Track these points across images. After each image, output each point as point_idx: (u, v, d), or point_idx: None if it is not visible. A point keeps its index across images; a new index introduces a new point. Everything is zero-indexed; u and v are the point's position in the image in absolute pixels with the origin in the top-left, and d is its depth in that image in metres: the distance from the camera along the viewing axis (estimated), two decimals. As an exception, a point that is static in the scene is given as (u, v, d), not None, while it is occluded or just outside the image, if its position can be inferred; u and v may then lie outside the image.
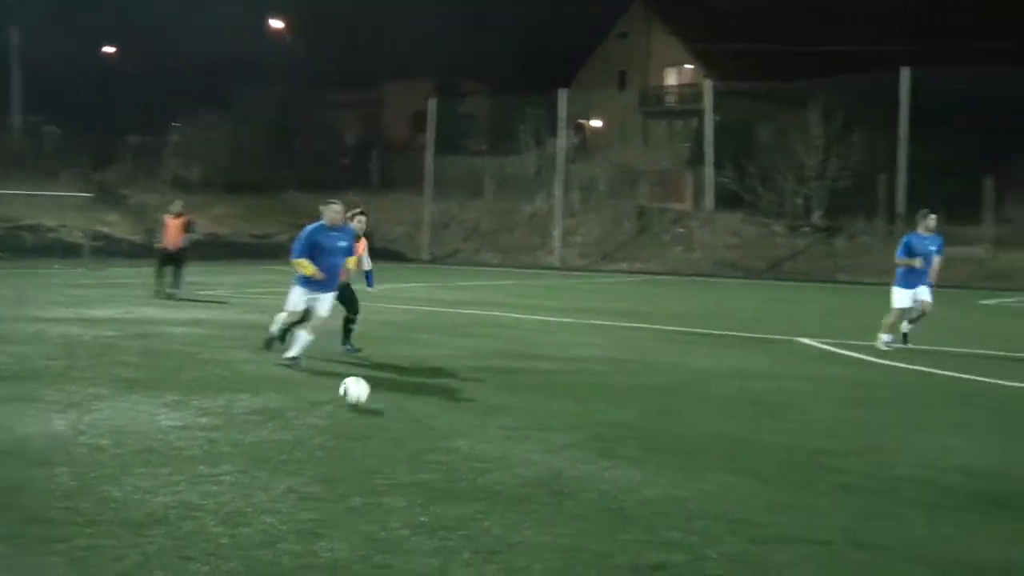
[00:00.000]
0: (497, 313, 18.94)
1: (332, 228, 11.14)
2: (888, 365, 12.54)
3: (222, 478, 6.25)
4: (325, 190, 45.23)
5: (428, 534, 5.27)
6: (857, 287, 31.15)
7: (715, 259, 39.06)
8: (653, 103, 59.45)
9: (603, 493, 6.18)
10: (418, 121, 51.92)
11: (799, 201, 40.23)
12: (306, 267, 10.96)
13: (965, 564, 5.08)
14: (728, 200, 41.40)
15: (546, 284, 30.11)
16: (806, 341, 14.86)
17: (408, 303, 18.36)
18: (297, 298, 11.20)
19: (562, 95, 44.84)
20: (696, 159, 44.65)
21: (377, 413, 8.51)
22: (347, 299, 12.25)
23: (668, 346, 14.44)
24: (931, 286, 13.94)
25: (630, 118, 56.61)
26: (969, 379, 11.46)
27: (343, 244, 11.21)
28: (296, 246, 11.13)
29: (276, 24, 52.25)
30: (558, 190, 44.89)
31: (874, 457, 7.38)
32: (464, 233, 47.22)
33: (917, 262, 13.71)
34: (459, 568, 4.81)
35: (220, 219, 44.66)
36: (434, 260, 43.56)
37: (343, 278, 11.93)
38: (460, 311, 18.93)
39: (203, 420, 8.02)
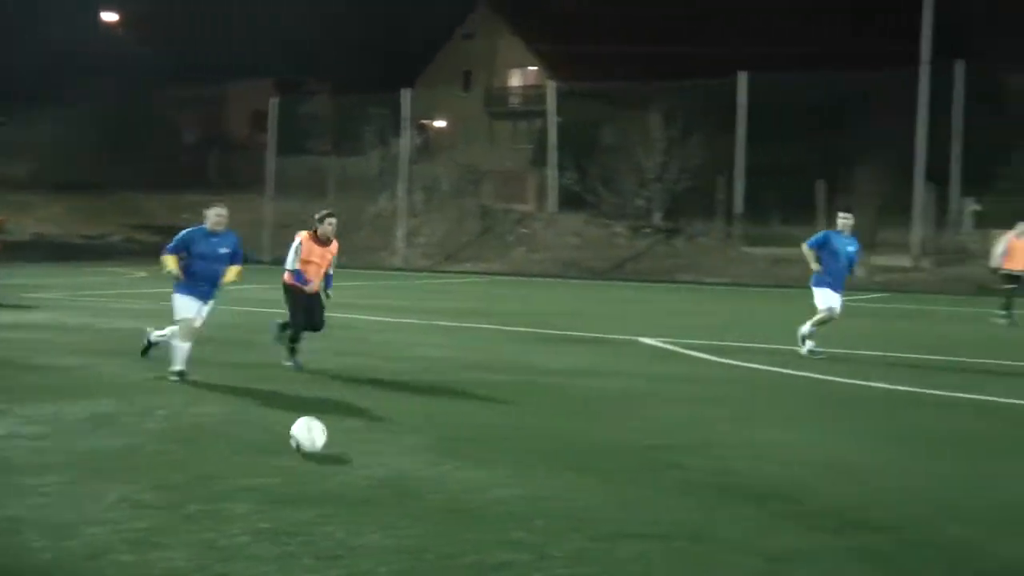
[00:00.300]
0: (341, 314, 18.67)
1: (213, 233, 10.52)
2: (726, 363, 12.88)
3: (48, 489, 5.96)
4: (162, 189, 44.04)
5: (269, 540, 5.14)
6: (697, 287, 31.96)
7: (558, 260, 39.47)
8: (498, 104, 59.85)
9: (449, 494, 6.14)
10: (259, 120, 50.92)
11: (640, 203, 41.00)
12: (168, 262, 10.36)
13: (800, 555, 5.23)
14: (571, 201, 41.87)
15: (391, 285, 29.92)
16: (647, 340, 15.14)
17: (248, 305, 17.96)
18: (185, 304, 10.37)
19: (405, 95, 44.62)
20: (539, 160, 45.06)
21: (216, 417, 8.29)
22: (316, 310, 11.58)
23: (512, 346, 14.52)
24: (842, 292, 13.59)
25: (475, 118, 56.79)
26: (805, 376, 11.86)
27: (224, 251, 10.51)
28: (171, 243, 10.57)
29: (109, 17, 50.36)
30: (401, 190, 44.67)
31: (711, 453, 7.56)
32: (307, 234, 46.46)
33: (815, 266, 13.34)
34: (301, 574, 4.71)
35: (48, 219, 42.94)
36: (276, 261, 42.71)
37: (314, 288, 11.51)
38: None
39: (28, 429, 7.65)
